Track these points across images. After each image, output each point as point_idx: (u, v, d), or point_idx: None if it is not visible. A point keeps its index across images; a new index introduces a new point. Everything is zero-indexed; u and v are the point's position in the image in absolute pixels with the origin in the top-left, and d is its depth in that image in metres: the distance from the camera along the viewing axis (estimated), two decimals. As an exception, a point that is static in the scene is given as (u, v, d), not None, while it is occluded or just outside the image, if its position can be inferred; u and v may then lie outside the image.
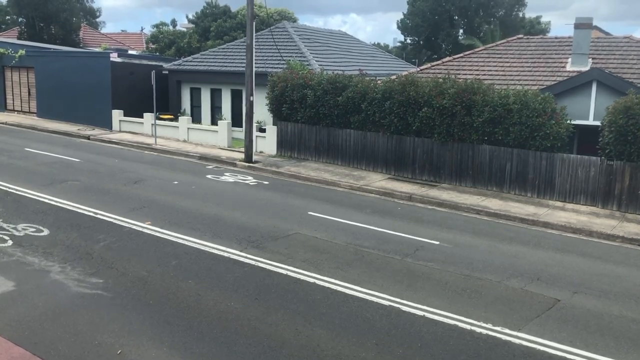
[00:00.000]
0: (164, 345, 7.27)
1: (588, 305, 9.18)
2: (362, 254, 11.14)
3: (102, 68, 27.02)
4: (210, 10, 46.92)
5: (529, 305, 9.07)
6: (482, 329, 8.12)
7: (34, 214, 12.68)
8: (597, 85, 17.02)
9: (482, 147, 17.24)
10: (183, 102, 28.55)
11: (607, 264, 11.51)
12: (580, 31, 19.08)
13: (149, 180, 16.92)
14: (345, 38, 35.39)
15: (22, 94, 31.69)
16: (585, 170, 15.81)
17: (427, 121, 17.81)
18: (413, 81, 18.21)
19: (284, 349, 7.30)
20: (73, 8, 49.65)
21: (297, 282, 9.52)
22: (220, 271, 9.82)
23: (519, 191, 16.81)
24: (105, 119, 26.74)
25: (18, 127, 27.39)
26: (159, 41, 46.78)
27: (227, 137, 23.32)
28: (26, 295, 8.56)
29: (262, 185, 17.39)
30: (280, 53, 24.53)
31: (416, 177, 18.50)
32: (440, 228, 13.46)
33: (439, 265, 10.70)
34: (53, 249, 10.48)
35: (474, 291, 9.55)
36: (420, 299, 9.01)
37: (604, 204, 15.61)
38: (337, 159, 20.19)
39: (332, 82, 19.74)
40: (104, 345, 7.19)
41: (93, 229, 11.85)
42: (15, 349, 7.02)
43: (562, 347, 7.70)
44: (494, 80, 19.42)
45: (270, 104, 21.49)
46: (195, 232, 11.86)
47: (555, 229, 13.99)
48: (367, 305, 8.74)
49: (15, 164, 18.26)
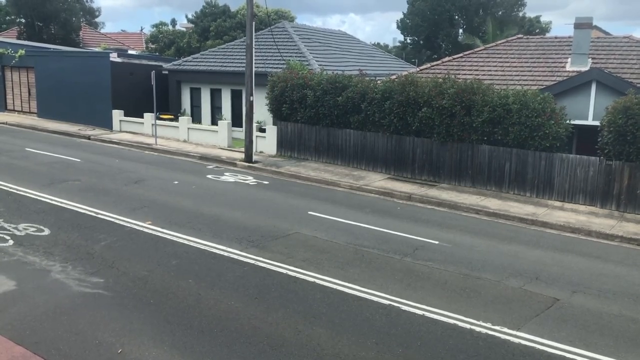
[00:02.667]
0: (164, 344, 7.30)
1: (587, 305, 9.21)
2: (361, 253, 11.18)
3: (102, 68, 27.03)
4: (209, 10, 46.95)
5: (528, 305, 9.10)
6: (482, 328, 8.16)
7: (35, 214, 12.71)
8: (596, 85, 17.04)
9: (481, 147, 17.26)
10: (183, 102, 28.57)
11: (606, 264, 11.54)
12: (580, 31, 19.09)
13: (150, 180, 16.95)
14: (345, 38, 35.41)
15: (22, 94, 31.71)
16: (584, 170, 15.84)
17: (427, 121, 17.83)
18: (413, 81, 18.23)
19: (284, 348, 7.33)
20: (72, 8, 49.63)
21: (297, 281, 9.55)
22: (220, 271, 9.85)
23: (518, 191, 16.84)
24: (106, 119, 26.76)
25: (18, 127, 27.41)
26: (159, 41, 46.83)
27: (227, 137, 23.35)
28: (27, 294, 8.59)
29: (262, 185, 17.43)
30: (280, 53, 24.56)
31: (416, 177, 18.53)
32: (440, 228, 13.50)
33: (438, 264, 10.74)
34: (54, 249, 10.52)
35: (473, 290, 9.58)
36: (420, 299, 9.04)
37: (602, 204, 15.64)
38: (337, 159, 20.21)
39: (332, 82, 19.75)
40: (104, 345, 7.23)
41: (94, 228, 11.88)
42: (16, 348, 7.05)
43: (561, 347, 7.73)
44: (493, 80, 19.43)
45: (270, 104, 21.51)
46: (196, 232, 11.89)
47: (554, 228, 14.02)
48: (366, 304, 8.77)
49: (16, 164, 18.29)
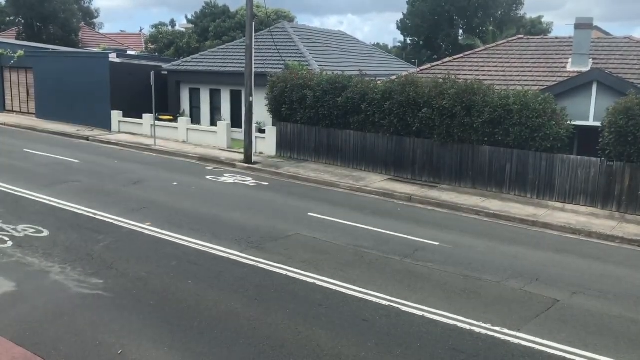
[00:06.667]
0: (164, 345, 7.28)
1: (587, 306, 9.20)
2: (361, 254, 11.16)
3: (101, 69, 26.99)
4: (209, 11, 46.96)
5: (528, 306, 9.08)
6: (482, 329, 8.14)
7: (34, 215, 12.69)
8: (597, 86, 17.03)
9: (482, 147, 17.24)
10: (182, 103, 28.55)
11: (607, 265, 11.53)
12: (580, 31, 19.09)
13: (149, 181, 16.93)
14: (345, 38, 35.39)
15: (21, 94, 31.69)
16: (585, 171, 15.82)
17: (427, 122, 17.81)
18: (413, 82, 18.21)
19: (283, 349, 7.31)
20: (71, 9, 49.62)
21: (296, 282, 9.53)
22: (220, 272, 9.83)
23: (519, 192, 16.82)
24: (105, 120, 26.73)
25: (17, 127, 27.39)
26: (158, 41, 46.80)
27: (227, 138, 23.32)
28: (27, 296, 8.58)
29: (262, 186, 17.40)
30: (280, 53, 24.53)
31: (416, 178, 18.51)
32: (440, 229, 13.48)
33: (438, 265, 10.72)
34: (53, 250, 10.49)
35: (474, 291, 9.56)
36: (420, 299, 9.02)
37: (603, 205, 15.62)
38: (337, 159, 20.18)
39: (331, 82, 19.73)
40: (104, 346, 7.21)
41: (93, 229, 11.86)
42: (17, 349, 7.03)
43: (561, 347, 7.71)
44: (494, 80, 19.40)
45: (270, 105, 21.49)
46: (195, 233, 11.87)
47: (554, 229, 14.00)
48: (366, 305, 8.75)
49: (15, 165, 18.27)
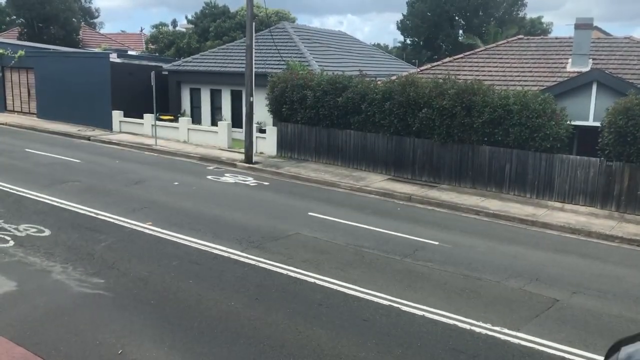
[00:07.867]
0: (164, 345, 7.31)
1: (587, 306, 9.22)
2: (362, 254, 11.18)
3: (101, 69, 27.03)
4: (209, 11, 46.96)
5: (528, 305, 9.11)
6: (481, 328, 8.16)
7: (35, 215, 12.72)
8: (597, 86, 17.04)
9: (481, 147, 17.26)
10: (183, 103, 28.58)
11: (606, 265, 11.55)
12: (580, 32, 19.09)
13: (150, 181, 16.96)
14: (345, 38, 35.40)
15: (22, 94, 31.72)
16: (585, 171, 15.84)
17: (427, 122, 17.83)
18: (413, 82, 18.22)
19: (284, 348, 7.33)
20: (72, 8, 49.63)
21: (297, 282, 9.55)
22: (220, 271, 9.86)
23: (519, 192, 16.84)
24: (105, 120, 26.77)
25: (18, 127, 27.43)
26: (159, 42, 46.79)
27: (227, 138, 23.35)
28: (28, 295, 8.60)
29: (263, 186, 17.43)
30: (280, 53, 24.55)
31: (416, 177, 18.53)
32: (440, 228, 13.50)
33: (438, 265, 10.74)
34: (54, 250, 10.52)
35: (473, 291, 9.58)
36: (420, 299, 9.04)
37: (603, 205, 15.64)
38: (337, 159, 20.21)
39: (332, 82, 19.75)
40: (105, 345, 7.23)
41: (94, 229, 11.89)
42: (17, 349, 7.05)
43: (561, 347, 7.73)
44: (494, 80, 19.41)
45: (270, 105, 21.51)
46: (196, 233, 11.90)
47: (554, 229, 14.02)
48: (367, 305, 8.77)
49: (16, 165, 18.30)
